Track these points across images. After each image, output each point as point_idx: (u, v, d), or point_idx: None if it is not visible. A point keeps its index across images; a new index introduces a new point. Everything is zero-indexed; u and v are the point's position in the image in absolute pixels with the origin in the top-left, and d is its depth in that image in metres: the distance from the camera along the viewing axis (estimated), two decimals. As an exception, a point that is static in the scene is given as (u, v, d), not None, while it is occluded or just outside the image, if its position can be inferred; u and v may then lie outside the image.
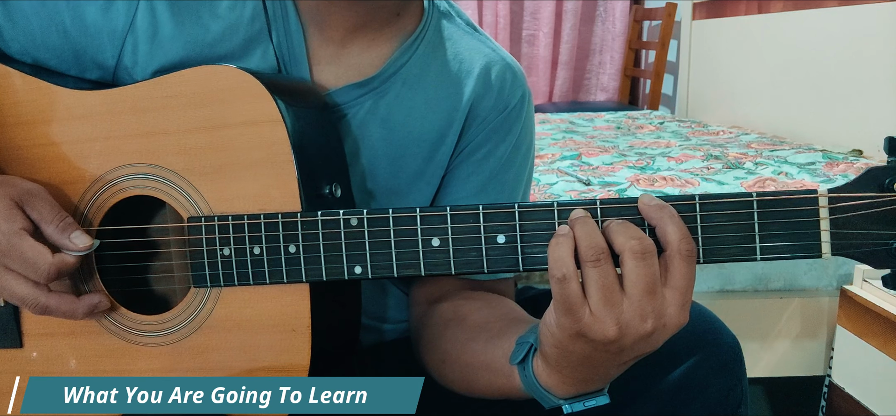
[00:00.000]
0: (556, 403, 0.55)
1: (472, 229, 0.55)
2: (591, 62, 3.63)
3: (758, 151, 1.78)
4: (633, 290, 0.48)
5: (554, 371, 0.54)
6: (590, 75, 3.65)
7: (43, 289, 0.59)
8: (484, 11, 3.39)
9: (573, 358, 0.52)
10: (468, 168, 0.74)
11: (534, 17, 3.48)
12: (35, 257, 0.57)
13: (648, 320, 0.49)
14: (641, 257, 0.48)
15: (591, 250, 0.49)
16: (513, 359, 0.57)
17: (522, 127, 0.76)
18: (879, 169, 0.50)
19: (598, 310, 0.49)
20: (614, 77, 3.55)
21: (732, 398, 0.66)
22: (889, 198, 0.50)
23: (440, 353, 0.67)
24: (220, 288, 0.62)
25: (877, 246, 0.50)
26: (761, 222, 0.51)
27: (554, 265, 0.49)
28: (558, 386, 0.54)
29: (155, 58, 0.66)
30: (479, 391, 0.64)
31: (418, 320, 0.74)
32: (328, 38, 0.70)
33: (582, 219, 0.50)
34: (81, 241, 0.60)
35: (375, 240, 0.57)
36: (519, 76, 0.77)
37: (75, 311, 0.61)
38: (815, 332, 1.32)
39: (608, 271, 0.49)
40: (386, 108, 0.71)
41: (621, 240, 0.49)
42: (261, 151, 0.61)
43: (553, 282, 0.50)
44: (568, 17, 3.44)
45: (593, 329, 0.49)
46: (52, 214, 0.60)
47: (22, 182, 0.61)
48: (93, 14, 0.66)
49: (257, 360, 0.63)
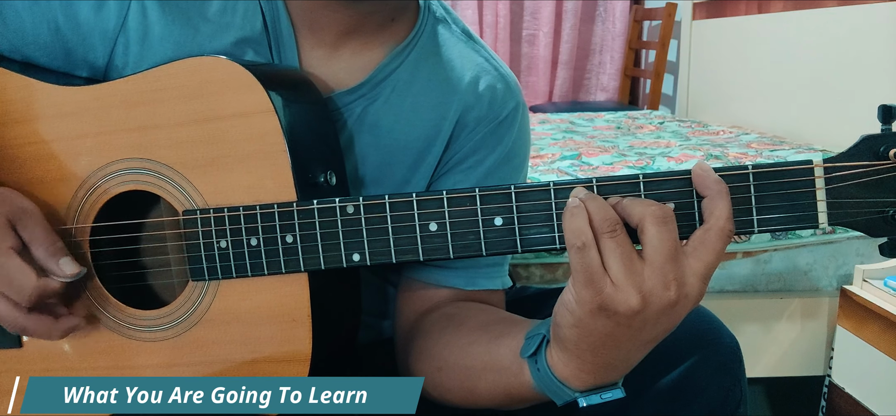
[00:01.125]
0: (571, 397, 0.53)
1: (470, 213, 0.55)
2: (591, 62, 3.63)
3: (758, 151, 1.78)
4: (656, 256, 0.47)
5: (572, 358, 0.52)
6: (590, 75, 3.65)
7: (22, 310, 0.58)
8: (484, 11, 3.39)
9: (593, 338, 0.50)
10: (456, 178, 0.73)
11: (534, 17, 3.48)
12: (20, 279, 0.57)
13: (671, 287, 0.47)
14: (663, 222, 0.47)
15: (606, 222, 0.48)
16: (524, 352, 0.56)
17: (514, 139, 0.74)
18: (874, 137, 0.50)
19: (619, 280, 0.47)
20: (614, 77, 3.55)
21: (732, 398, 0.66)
22: (884, 165, 0.49)
23: (437, 360, 0.65)
24: (218, 281, 0.62)
25: (873, 214, 0.50)
26: (758, 195, 0.51)
27: (572, 235, 0.48)
28: (575, 376, 0.52)
29: (145, 58, 0.66)
30: (481, 396, 0.62)
31: (406, 331, 0.72)
32: (320, 41, 0.69)
33: (590, 196, 0.50)
34: (69, 268, 0.59)
35: (373, 227, 0.57)
36: (512, 87, 0.75)
37: (51, 333, 0.60)
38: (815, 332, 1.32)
39: (625, 240, 0.48)
40: (375, 113, 0.70)
41: (639, 209, 0.48)
42: (254, 142, 0.60)
43: (573, 252, 0.48)
44: (568, 17, 3.44)
45: (616, 300, 0.47)
46: (44, 236, 0.59)
47: (18, 199, 0.60)
48: (85, 13, 0.66)
49: (258, 351, 0.62)
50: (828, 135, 1.97)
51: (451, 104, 0.72)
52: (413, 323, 0.71)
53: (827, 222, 0.50)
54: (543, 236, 0.54)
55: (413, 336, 0.70)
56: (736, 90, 2.60)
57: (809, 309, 1.30)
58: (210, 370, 0.63)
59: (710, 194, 0.49)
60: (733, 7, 2.62)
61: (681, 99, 3.05)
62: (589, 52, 3.62)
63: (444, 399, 0.65)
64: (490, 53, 0.76)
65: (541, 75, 3.50)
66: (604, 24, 3.57)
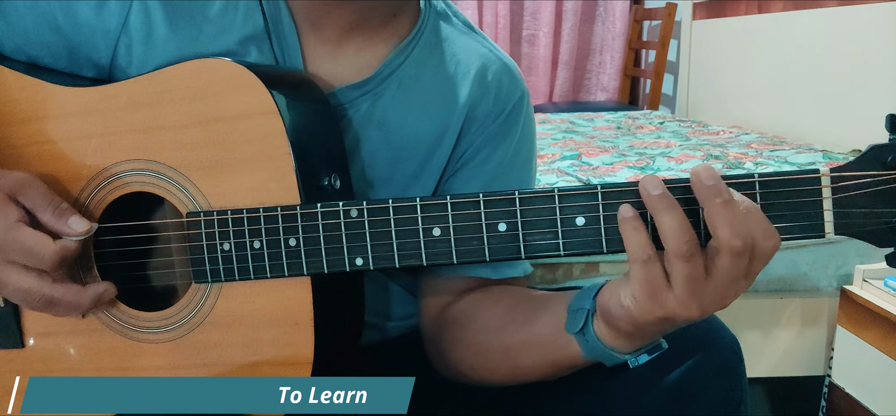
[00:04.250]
0: (622, 359, 0.56)
1: (473, 218, 0.55)
2: (591, 62, 3.63)
3: (758, 151, 1.78)
4: (723, 280, 0.49)
5: (621, 338, 0.54)
6: (590, 75, 3.65)
7: (47, 279, 0.58)
8: (484, 11, 3.39)
9: (647, 332, 0.53)
10: (469, 172, 0.73)
11: (534, 17, 3.48)
12: (36, 246, 0.56)
13: (728, 298, 0.50)
14: (740, 255, 0.48)
15: (684, 244, 0.48)
16: (570, 328, 0.57)
17: (522, 128, 0.76)
18: (881, 147, 0.50)
19: (683, 298, 0.49)
20: (614, 77, 3.55)
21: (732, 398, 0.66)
22: (891, 176, 0.49)
23: (474, 347, 0.67)
24: (220, 283, 0.62)
25: (879, 224, 0.50)
26: (764, 203, 0.51)
27: (637, 248, 0.50)
28: (624, 346, 0.55)
29: (150, 59, 0.66)
30: (526, 371, 0.63)
31: (435, 323, 0.73)
32: (323, 38, 0.69)
33: (669, 207, 0.49)
34: (79, 225, 0.59)
35: (376, 231, 0.57)
36: (516, 76, 0.76)
37: (81, 301, 0.60)
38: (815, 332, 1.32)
39: (698, 265, 0.49)
40: (382, 109, 0.71)
41: (725, 234, 0.48)
42: (257, 144, 0.61)
43: (637, 265, 0.50)
44: (568, 17, 3.44)
45: (677, 312, 0.50)
46: (47, 201, 0.59)
47: (12, 173, 0.60)
48: (85, 13, 0.66)
49: (261, 354, 0.62)
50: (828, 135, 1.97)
51: (459, 98, 0.72)
52: (442, 313, 0.72)
53: (833, 231, 0.50)
54: (548, 243, 0.54)
55: (444, 326, 0.71)
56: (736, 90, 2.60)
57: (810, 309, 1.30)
58: (212, 372, 0.63)
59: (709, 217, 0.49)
60: (733, 7, 2.62)
61: (681, 99, 3.05)
62: (589, 52, 3.62)
63: (487, 381, 0.67)
64: (492, 44, 0.77)
65: (541, 75, 3.50)
66: (604, 24, 3.56)
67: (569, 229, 0.53)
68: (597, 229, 0.53)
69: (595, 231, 0.53)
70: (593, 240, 0.53)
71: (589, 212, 0.53)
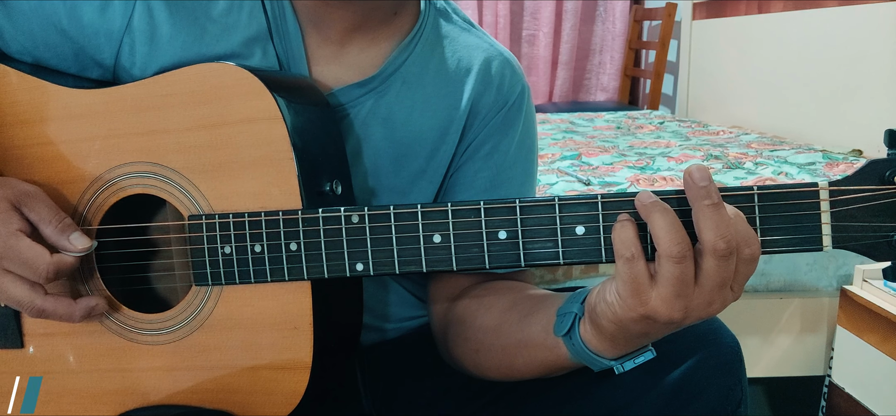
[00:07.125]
0: (608, 365, 0.56)
1: (474, 225, 0.55)
2: (591, 62, 3.63)
3: (758, 151, 1.78)
4: (708, 283, 0.49)
5: (606, 339, 0.54)
6: (590, 75, 3.65)
7: (39, 291, 0.59)
8: (484, 11, 3.39)
9: (630, 333, 0.53)
10: (474, 166, 0.74)
11: (534, 17, 3.48)
12: (33, 258, 0.57)
13: (714, 304, 0.50)
14: (725, 258, 0.48)
15: (675, 246, 0.48)
16: (557, 331, 0.58)
17: (524, 121, 0.77)
18: (880, 162, 0.50)
19: (667, 298, 0.49)
20: (614, 77, 3.55)
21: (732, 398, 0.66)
22: (890, 190, 0.49)
23: (473, 343, 0.68)
24: (221, 286, 0.62)
25: (877, 239, 0.50)
26: (762, 216, 0.51)
27: (622, 245, 0.50)
28: (609, 351, 0.55)
29: (154, 59, 0.66)
30: (519, 371, 0.64)
31: (442, 317, 0.74)
32: (326, 38, 0.70)
33: (662, 211, 0.49)
34: (80, 242, 0.60)
35: (377, 237, 0.57)
36: (517, 70, 0.77)
37: (72, 314, 0.61)
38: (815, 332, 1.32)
39: (687, 268, 0.49)
40: (387, 107, 0.71)
41: (710, 237, 0.48)
42: (260, 148, 0.61)
43: (621, 262, 0.50)
44: (568, 17, 3.44)
45: (659, 311, 0.50)
46: (51, 214, 0.60)
47: (19, 184, 0.61)
48: (89, 14, 0.66)
49: (259, 358, 0.63)
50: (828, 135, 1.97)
51: (463, 93, 0.73)
52: (447, 310, 0.73)
53: (831, 244, 0.50)
54: (547, 252, 0.54)
55: (449, 323, 0.72)
56: (736, 90, 2.60)
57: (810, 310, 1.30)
58: (210, 375, 0.64)
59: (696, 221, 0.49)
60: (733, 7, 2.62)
61: (681, 99, 3.05)
62: (589, 52, 3.62)
63: (487, 377, 0.68)
64: (492, 39, 0.78)
65: (541, 75, 3.50)
66: (604, 24, 3.57)
67: (568, 237, 0.54)
68: (596, 238, 0.53)
69: (594, 240, 0.53)
70: (593, 249, 0.53)
71: (589, 221, 0.53)
